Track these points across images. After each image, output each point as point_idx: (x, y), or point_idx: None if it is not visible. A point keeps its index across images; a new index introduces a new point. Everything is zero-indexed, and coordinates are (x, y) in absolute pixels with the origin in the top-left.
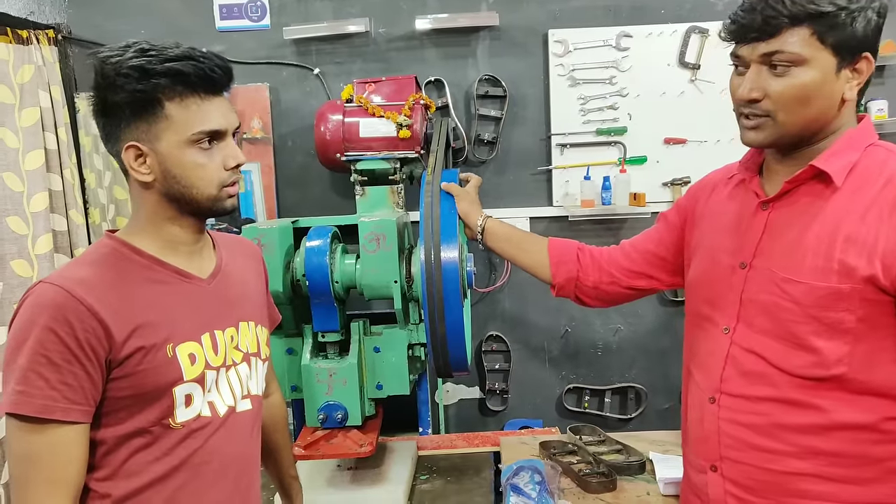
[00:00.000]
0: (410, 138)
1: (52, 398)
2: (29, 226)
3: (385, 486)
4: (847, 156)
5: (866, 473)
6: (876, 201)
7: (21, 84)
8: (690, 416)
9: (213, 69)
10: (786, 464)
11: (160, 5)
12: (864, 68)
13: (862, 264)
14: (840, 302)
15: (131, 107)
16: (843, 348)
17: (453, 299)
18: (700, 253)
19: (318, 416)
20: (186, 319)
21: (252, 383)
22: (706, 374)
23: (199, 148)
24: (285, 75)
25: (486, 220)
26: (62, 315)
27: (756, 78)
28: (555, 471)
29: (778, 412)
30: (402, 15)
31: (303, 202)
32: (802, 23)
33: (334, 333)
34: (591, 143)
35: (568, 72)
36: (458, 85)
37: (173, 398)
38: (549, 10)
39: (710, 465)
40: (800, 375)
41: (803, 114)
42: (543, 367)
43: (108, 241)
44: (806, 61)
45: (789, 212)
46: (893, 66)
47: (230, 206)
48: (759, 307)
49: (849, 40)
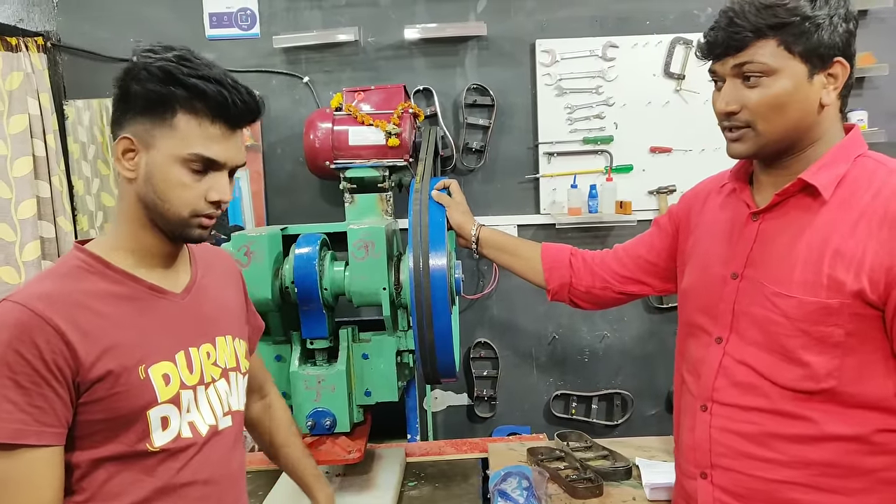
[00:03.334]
0: (399, 146)
1: (23, 422)
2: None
3: (373, 493)
4: (835, 168)
5: (856, 484)
6: (864, 214)
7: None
8: (683, 423)
9: (236, 102)
10: (776, 472)
11: (150, 13)
12: (839, 72)
13: (850, 279)
14: (829, 317)
15: (145, 102)
16: (833, 362)
17: (441, 306)
18: (693, 261)
19: (306, 422)
20: (160, 338)
21: (233, 399)
22: (698, 382)
23: (189, 169)
24: (275, 83)
25: (479, 229)
26: (28, 336)
27: (732, 91)
28: (542, 477)
29: (769, 422)
30: (391, 24)
31: (292, 209)
32: (767, 35)
33: (323, 340)
34: (578, 152)
35: (555, 81)
36: (447, 94)
37: (148, 421)
38: (536, 21)
39: (700, 472)
40: (790, 388)
41: (781, 121)
42: (531, 373)
43: (77, 254)
44: (776, 71)
45: (779, 223)
46: (872, 78)
47: (196, 237)
48: (750, 320)
49: (816, 47)
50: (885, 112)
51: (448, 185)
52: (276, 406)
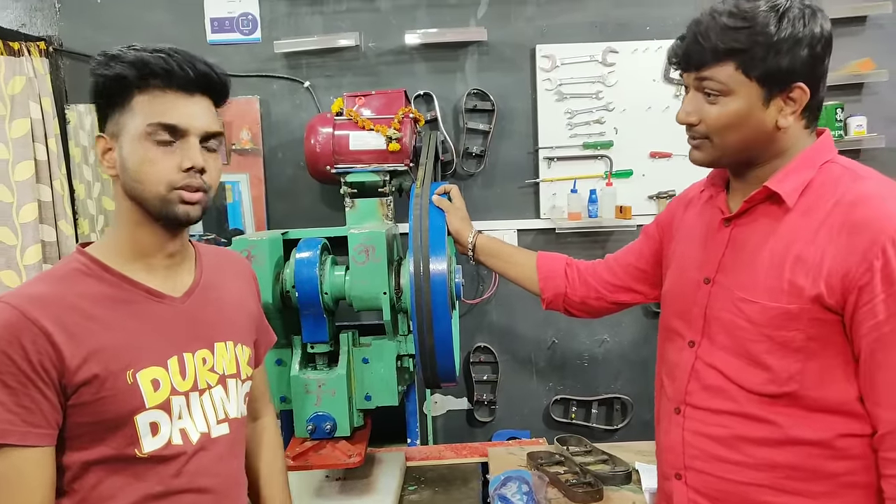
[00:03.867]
0: (400, 151)
1: (8, 422)
2: (18, 236)
3: (373, 497)
4: (801, 175)
5: (819, 487)
6: (825, 221)
7: (12, 95)
8: (660, 425)
9: (182, 65)
10: (745, 475)
11: (152, 18)
12: (798, 97)
13: (808, 284)
14: (790, 322)
15: (107, 95)
16: (795, 366)
17: (441, 311)
18: (672, 266)
19: (306, 426)
20: (151, 342)
21: (230, 406)
22: (673, 385)
23: (154, 142)
24: (276, 88)
25: (476, 236)
26: (14, 336)
27: (693, 103)
28: (542, 481)
29: (737, 425)
30: (392, 30)
31: (292, 214)
32: (726, 58)
33: (323, 344)
34: (578, 157)
35: (555, 86)
36: (447, 99)
37: (136, 427)
38: (536, 26)
39: (675, 473)
40: (755, 392)
41: (734, 138)
42: (531, 378)
43: (77, 256)
44: (732, 92)
45: (749, 230)
46: (871, 84)
47: (182, 215)
48: (720, 325)
49: (774, 73)
50: (884, 117)
51: (449, 190)
52: (268, 433)
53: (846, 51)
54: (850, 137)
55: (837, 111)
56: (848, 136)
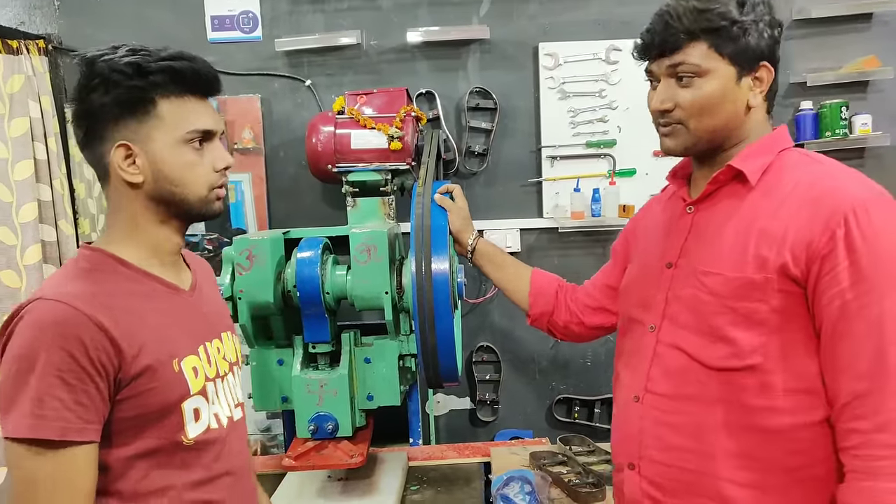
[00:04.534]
0: (401, 150)
1: (67, 420)
2: (17, 236)
3: (375, 497)
4: (761, 158)
5: (774, 480)
6: (786, 200)
7: (11, 94)
8: (616, 415)
9: (208, 71)
10: (701, 464)
11: (152, 16)
12: (765, 76)
13: (773, 255)
14: (754, 292)
15: (122, 105)
16: (758, 339)
17: (444, 310)
18: (633, 262)
19: (308, 427)
20: (182, 333)
21: (238, 391)
22: (633, 373)
23: (192, 147)
24: (277, 87)
25: (477, 239)
26: (74, 333)
27: (666, 90)
28: (545, 481)
29: (697, 410)
30: (394, 28)
31: (294, 213)
32: (699, 37)
33: (325, 344)
34: (581, 156)
35: (558, 85)
36: (449, 97)
37: (182, 414)
38: (539, 24)
39: (628, 462)
40: (717, 367)
41: (711, 120)
42: (533, 377)
43: (91, 253)
44: (707, 72)
45: (711, 212)
46: (877, 81)
47: (218, 209)
48: (682, 303)
49: (744, 51)
50: (890, 115)
51: (451, 189)
52: None
53: (851, 48)
54: (854, 136)
55: (842, 109)
56: (853, 134)
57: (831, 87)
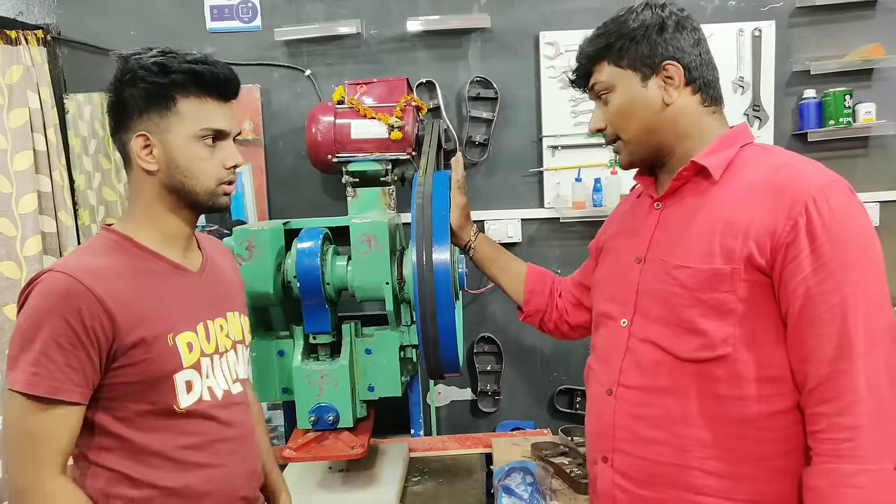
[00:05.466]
0: (402, 140)
1: (59, 380)
2: (17, 227)
3: (377, 488)
4: (723, 153)
5: (745, 471)
6: (749, 191)
7: (10, 85)
8: (589, 409)
9: (226, 76)
10: (673, 456)
11: (151, 6)
12: (674, 73)
13: (738, 246)
14: (722, 283)
15: (146, 99)
16: (728, 329)
17: (445, 301)
18: (602, 257)
19: (309, 417)
20: (183, 310)
21: (240, 368)
22: (606, 367)
23: (204, 144)
24: (276, 77)
25: (477, 236)
26: (73, 303)
27: (597, 113)
28: (546, 472)
29: (669, 402)
30: (394, 17)
31: (294, 204)
32: (602, 58)
33: (326, 335)
34: (583, 145)
35: (559, 74)
36: (450, 87)
37: (174, 384)
38: (540, 13)
39: (601, 456)
40: (690, 359)
41: (632, 126)
42: (535, 368)
43: (108, 234)
44: (614, 86)
45: (678, 208)
46: (881, 69)
47: (225, 203)
48: (653, 296)
49: (640, 57)
50: (894, 104)
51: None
52: (255, 406)
53: (855, 36)
54: (858, 124)
55: (846, 97)
56: (857, 122)
57: (835, 75)
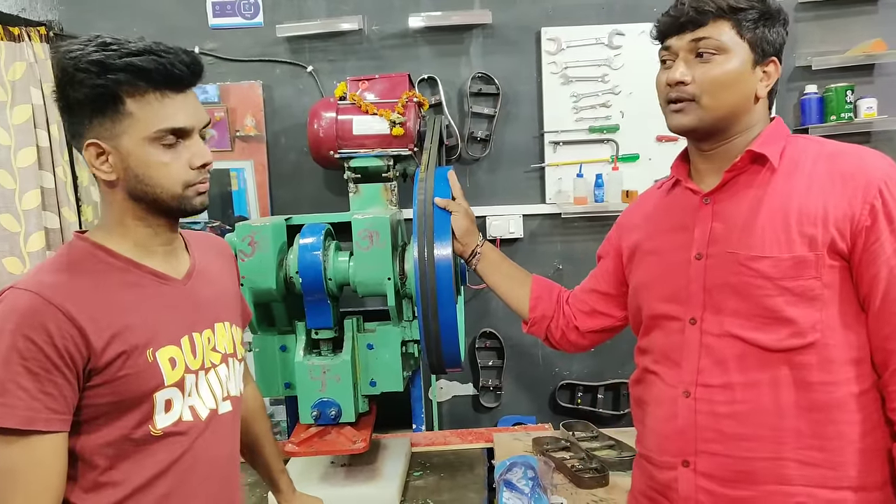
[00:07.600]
0: (403, 136)
1: (33, 409)
2: (21, 223)
3: (379, 483)
4: (776, 143)
5: (838, 456)
6: (812, 178)
7: (13, 81)
8: (657, 414)
9: (175, 64)
10: (766, 450)
11: (153, 2)
12: (772, 72)
13: (819, 232)
14: (807, 269)
15: (92, 103)
16: (816, 315)
17: (446, 296)
18: (641, 258)
19: (311, 412)
20: (166, 323)
21: (231, 384)
22: (677, 369)
23: (163, 146)
24: (278, 73)
25: (483, 242)
26: (39, 322)
27: (683, 67)
28: (548, 467)
29: (758, 395)
30: (396, 12)
31: (296, 200)
32: (725, 15)
33: (328, 330)
34: (584, 141)
35: (561, 69)
36: (452, 82)
37: (153, 404)
38: (542, 8)
39: (681, 460)
40: (777, 349)
41: (725, 99)
42: (536, 363)
43: (79, 242)
44: (728, 50)
45: (733, 201)
46: (883, 65)
47: (199, 205)
48: (728, 291)
49: (762, 40)
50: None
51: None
52: (257, 400)
53: (857, 31)
54: (860, 120)
55: (848, 93)
56: (858, 118)
57: (837, 70)
